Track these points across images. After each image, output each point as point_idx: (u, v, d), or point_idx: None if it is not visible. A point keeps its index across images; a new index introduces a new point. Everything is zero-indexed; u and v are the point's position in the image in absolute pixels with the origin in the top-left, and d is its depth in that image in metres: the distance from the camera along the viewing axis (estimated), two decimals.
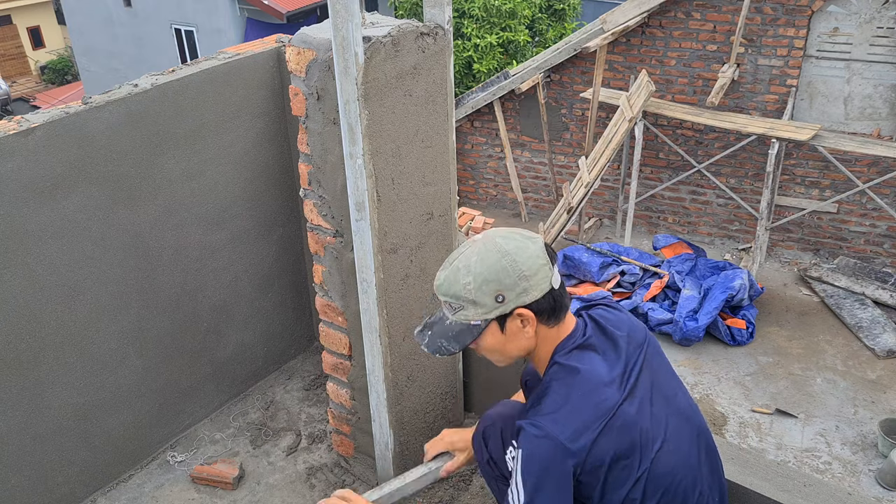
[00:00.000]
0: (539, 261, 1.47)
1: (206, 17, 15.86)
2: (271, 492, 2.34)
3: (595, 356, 1.50)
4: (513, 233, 1.51)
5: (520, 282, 1.45)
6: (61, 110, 1.99)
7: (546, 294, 1.47)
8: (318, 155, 1.93)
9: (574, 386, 1.46)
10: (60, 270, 2.05)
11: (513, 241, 1.48)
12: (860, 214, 7.76)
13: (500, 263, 1.45)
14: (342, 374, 2.23)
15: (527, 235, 1.51)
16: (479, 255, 1.47)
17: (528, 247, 1.47)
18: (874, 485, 5.41)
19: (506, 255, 1.46)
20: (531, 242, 1.49)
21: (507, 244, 1.47)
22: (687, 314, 6.68)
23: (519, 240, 1.49)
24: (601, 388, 1.45)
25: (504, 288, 1.45)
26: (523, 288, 1.46)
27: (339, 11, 1.59)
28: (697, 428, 1.58)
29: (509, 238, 1.49)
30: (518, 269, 1.45)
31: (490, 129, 9.10)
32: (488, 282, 1.45)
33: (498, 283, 1.45)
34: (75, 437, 2.22)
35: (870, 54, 7.24)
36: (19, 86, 24.01)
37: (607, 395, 1.45)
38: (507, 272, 1.45)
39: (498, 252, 1.46)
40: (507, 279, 1.45)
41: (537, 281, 1.46)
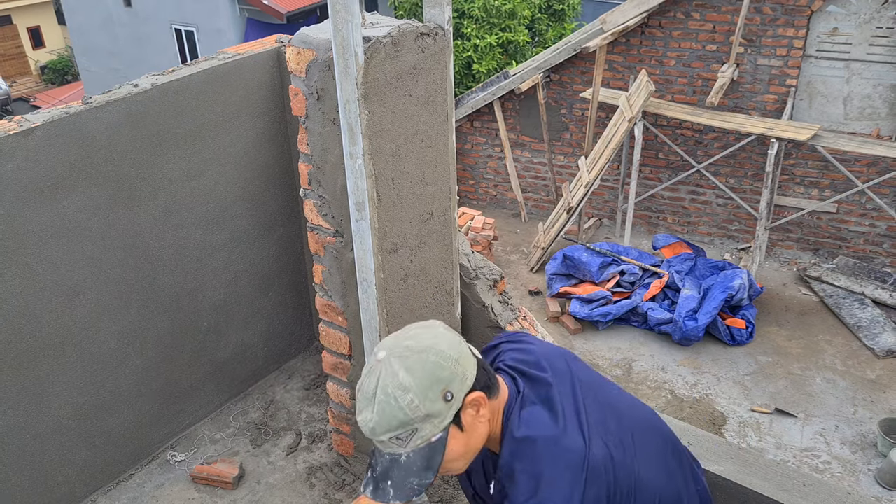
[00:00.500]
0: (454, 339, 1.37)
1: (206, 18, 15.86)
2: (271, 491, 2.35)
3: (539, 411, 1.42)
4: (408, 334, 1.39)
5: (457, 368, 1.34)
6: (61, 110, 1.99)
7: (478, 368, 1.39)
8: (318, 155, 1.93)
9: (538, 459, 1.37)
10: (61, 270, 2.05)
11: (420, 339, 1.36)
12: (859, 214, 7.76)
13: (430, 361, 1.32)
14: (342, 374, 2.23)
15: (424, 325, 1.41)
16: (401, 369, 1.32)
17: (441, 335, 1.37)
18: (873, 484, 5.42)
19: (427, 352, 1.33)
20: (433, 329, 1.38)
21: (418, 344, 1.35)
22: (686, 314, 6.69)
23: (423, 335, 1.37)
24: (563, 445, 1.38)
25: (447, 383, 1.33)
26: (462, 373, 1.35)
27: (339, 11, 1.59)
28: (661, 433, 1.55)
29: (412, 338, 1.37)
30: (447, 355, 1.34)
31: (490, 129, 9.11)
32: (430, 386, 1.32)
33: (439, 382, 1.32)
34: (75, 437, 2.22)
35: (869, 54, 7.25)
36: (19, 86, 24.00)
37: (571, 447, 1.38)
38: (441, 366, 1.33)
39: (417, 354, 1.33)
40: (444, 372, 1.33)
41: (466, 359, 1.37)
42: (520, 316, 2.43)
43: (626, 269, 7.33)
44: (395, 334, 1.41)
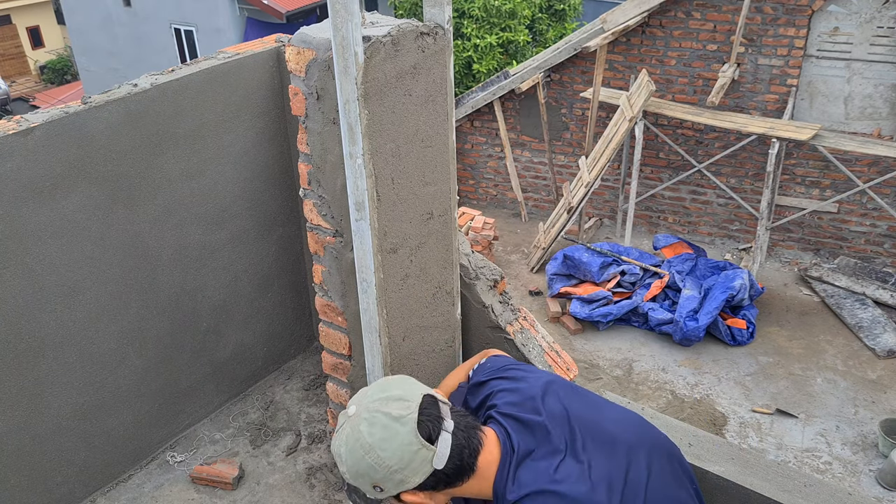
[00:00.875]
0: (410, 448, 1.31)
1: (206, 17, 15.87)
2: (271, 492, 2.34)
3: (536, 465, 1.39)
4: (381, 410, 1.33)
5: (392, 475, 1.32)
6: (61, 110, 1.99)
7: (430, 475, 1.34)
8: (317, 155, 1.93)
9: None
10: (60, 270, 2.05)
11: (378, 430, 1.32)
12: (860, 214, 7.76)
13: (365, 461, 1.32)
14: (342, 374, 2.23)
15: (395, 416, 1.32)
16: (347, 445, 1.34)
17: (396, 434, 1.31)
18: (874, 485, 5.41)
19: (369, 452, 1.31)
20: (400, 426, 1.31)
21: (372, 435, 1.31)
22: (687, 314, 6.69)
23: (386, 425, 1.32)
24: (565, 497, 1.35)
25: (378, 481, 1.33)
26: (398, 480, 1.33)
27: (338, 11, 1.59)
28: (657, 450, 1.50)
29: (375, 423, 1.32)
30: (385, 464, 1.31)
31: (490, 128, 9.10)
32: (361, 475, 1.34)
33: (370, 478, 1.33)
34: (75, 437, 2.22)
35: (870, 54, 7.24)
36: (19, 85, 24.02)
37: (576, 498, 1.35)
38: (375, 469, 1.32)
39: (361, 448, 1.32)
40: (377, 475, 1.32)
41: (413, 469, 1.32)
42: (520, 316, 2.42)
43: (627, 270, 7.33)
44: (376, 400, 1.35)
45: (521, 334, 2.31)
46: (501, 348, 2.29)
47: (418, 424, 1.32)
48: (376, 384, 1.41)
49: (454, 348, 2.32)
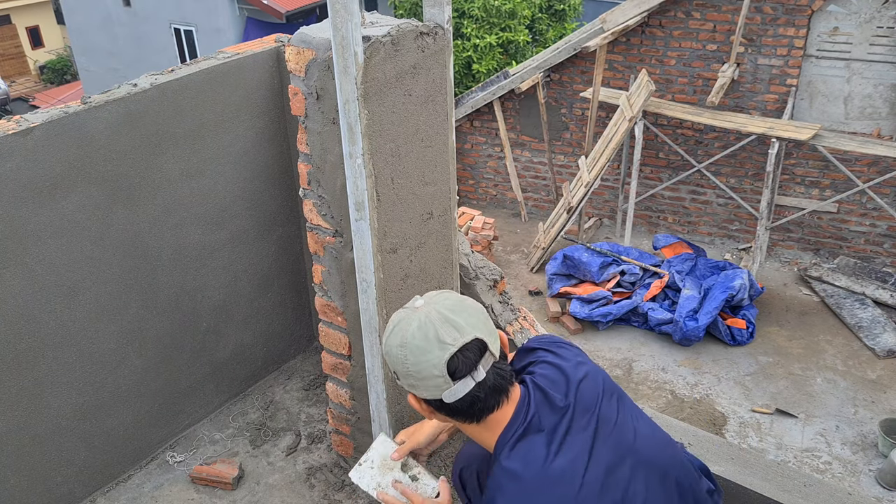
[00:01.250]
0: (433, 371, 1.35)
1: (206, 17, 15.86)
2: (271, 492, 2.34)
3: (538, 443, 1.40)
4: (435, 325, 1.37)
5: (407, 377, 1.39)
6: (60, 110, 1.98)
7: (437, 400, 1.39)
8: (317, 155, 1.93)
9: (521, 495, 1.37)
10: (60, 270, 2.05)
11: (420, 337, 1.36)
12: (860, 214, 7.76)
13: (396, 351, 1.38)
14: (342, 374, 2.23)
15: (439, 339, 1.36)
16: (394, 330, 1.40)
17: (429, 353, 1.35)
18: (874, 485, 5.41)
19: (404, 347, 1.37)
20: (437, 349, 1.35)
21: (413, 337, 1.37)
22: (687, 314, 6.68)
23: (428, 339, 1.36)
24: (554, 486, 1.37)
25: (396, 371, 1.41)
26: (410, 383, 1.40)
27: (338, 11, 1.59)
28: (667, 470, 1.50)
29: (422, 330, 1.37)
30: (405, 365, 1.37)
31: (490, 128, 9.10)
32: (388, 355, 1.41)
33: (392, 364, 1.41)
34: (75, 437, 2.22)
35: (870, 54, 7.24)
36: (18, 85, 24.01)
37: (562, 493, 1.36)
38: (399, 362, 1.38)
39: (401, 338, 1.38)
40: (398, 367, 1.39)
41: (425, 386, 1.38)
42: (520, 316, 2.43)
43: (627, 269, 7.33)
44: (441, 305, 1.39)
45: (521, 334, 2.31)
46: None
47: (451, 359, 1.35)
48: (456, 298, 1.43)
49: None
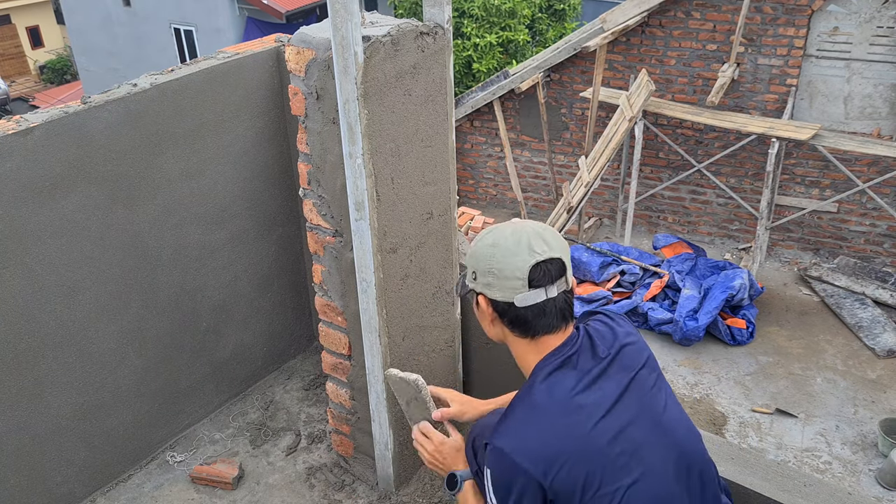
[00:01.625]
0: (515, 273, 1.47)
1: (206, 17, 15.86)
2: (271, 492, 2.34)
3: (572, 378, 1.47)
4: (528, 234, 1.49)
5: (487, 275, 1.50)
6: (60, 110, 1.98)
7: (507, 304, 1.49)
8: (317, 154, 1.93)
9: (538, 409, 1.44)
10: (60, 270, 2.05)
11: (512, 241, 1.48)
12: (860, 214, 7.76)
13: (485, 249, 1.50)
14: (342, 374, 2.23)
15: (529, 247, 1.47)
16: (488, 234, 1.53)
17: (518, 257, 1.47)
18: (874, 484, 5.41)
19: (495, 247, 1.49)
20: (527, 254, 1.47)
21: (505, 239, 1.49)
22: (687, 314, 6.68)
23: (519, 243, 1.48)
24: (567, 414, 1.43)
25: (478, 272, 1.52)
26: (488, 282, 1.50)
27: (338, 11, 1.59)
28: (689, 460, 1.51)
29: (516, 235, 1.49)
30: (490, 264, 1.49)
31: (490, 128, 9.10)
32: (473, 256, 1.53)
33: (475, 263, 1.52)
34: (74, 437, 2.22)
35: (870, 54, 7.24)
36: (18, 85, 24.01)
37: (573, 421, 1.42)
38: (485, 259, 1.50)
39: (493, 238, 1.51)
40: (481, 265, 1.50)
41: (503, 286, 1.48)
42: None
43: (627, 269, 7.33)
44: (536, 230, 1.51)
45: None
46: (500, 348, 2.29)
47: (535, 266, 1.47)
48: (552, 231, 1.54)
49: (454, 348, 2.32)
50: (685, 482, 1.50)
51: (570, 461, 1.40)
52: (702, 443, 1.58)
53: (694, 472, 1.51)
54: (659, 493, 1.45)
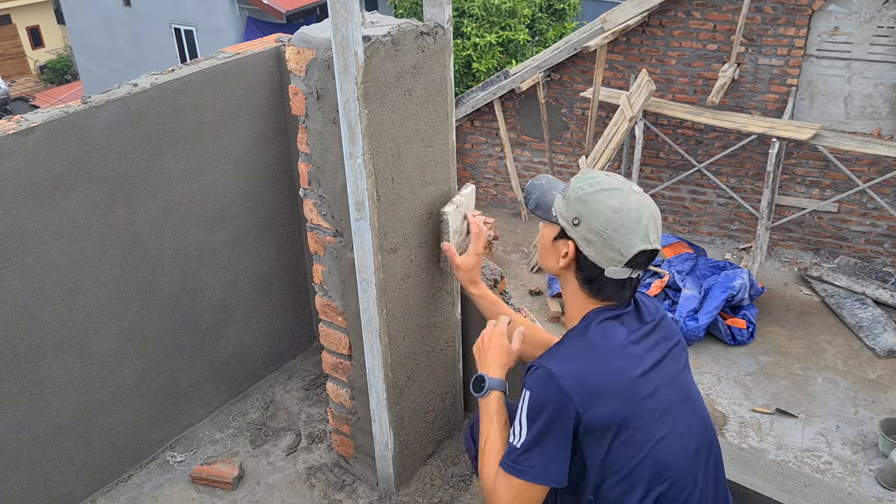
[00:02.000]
0: (622, 250, 1.48)
1: (206, 17, 15.87)
2: (271, 492, 2.34)
3: (623, 330, 1.52)
4: (649, 219, 1.50)
5: (595, 236, 1.49)
6: (60, 110, 1.98)
7: (594, 266, 1.51)
8: (317, 154, 1.93)
9: (593, 346, 1.49)
10: (60, 270, 2.05)
11: (635, 220, 1.49)
12: (860, 214, 7.76)
13: (607, 211, 1.49)
14: (342, 374, 2.23)
15: (646, 235, 1.49)
16: (610, 190, 1.51)
17: (633, 237, 1.48)
18: (874, 484, 5.41)
19: (618, 212, 1.48)
20: (641, 239, 1.48)
21: (631, 214, 1.48)
22: (687, 314, 6.68)
23: (640, 226, 1.49)
24: (618, 357, 1.48)
25: (584, 223, 1.50)
26: (591, 240, 1.50)
27: (338, 11, 1.59)
28: (709, 437, 1.59)
29: (639, 218, 1.49)
30: (604, 227, 1.48)
31: (490, 128, 9.10)
32: (587, 207, 1.51)
33: (588, 216, 1.50)
34: (75, 437, 2.22)
35: (870, 53, 7.24)
36: (18, 85, 24.02)
37: (622, 364, 1.47)
38: (601, 219, 1.49)
39: (619, 203, 1.49)
40: (594, 222, 1.49)
41: (604, 253, 1.50)
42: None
43: None
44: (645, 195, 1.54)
45: None
46: None
47: (641, 252, 1.49)
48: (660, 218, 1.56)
49: (454, 348, 2.32)
50: (704, 456, 1.56)
51: (614, 399, 1.44)
52: (716, 435, 1.65)
53: (712, 450, 1.59)
54: (682, 455, 1.50)
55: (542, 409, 1.44)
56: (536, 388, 1.46)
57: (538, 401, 1.45)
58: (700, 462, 1.54)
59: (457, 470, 2.33)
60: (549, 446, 1.44)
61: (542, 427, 1.44)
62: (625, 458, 1.45)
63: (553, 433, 1.44)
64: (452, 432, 2.45)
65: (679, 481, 1.49)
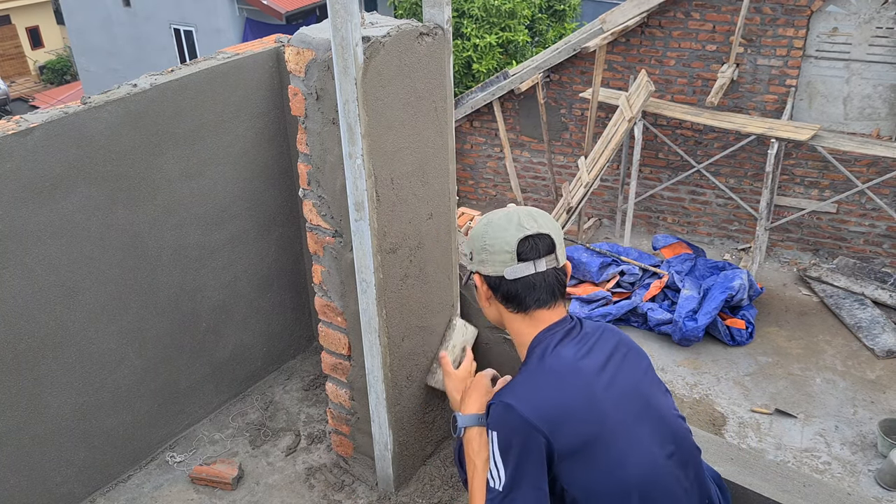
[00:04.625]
0: (504, 247, 1.55)
1: (206, 17, 15.87)
2: (270, 492, 2.34)
3: (571, 347, 1.54)
4: (521, 215, 1.58)
5: (480, 252, 1.60)
6: (60, 110, 1.99)
7: (498, 278, 1.57)
8: (317, 155, 1.93)
9: (545, 370, 1.51)
10: (59, 270, 2.05)
11: (503, 220, 1.58)
12: (859, 214, 7.76)
13: (480, 228, 1.62)
14: (341, 375, 2.23)
15: (518, 224, 1.56)
16: (484, 218, 1.64)
17: (507, 232, 1.56)
18: (873, 485, 5.42)
19: (488, 225, 1.60)
20: (515, 230, 1.55)
21: (500, 218, 1.59)
22: (686, 314, 6.69)
23: (509, 221, 1.57)
24: (573, 375, 1.50)
25: (472, 249, 1.63)
26: (481, 258, 1.60)
27: (338, 11, 1.59)
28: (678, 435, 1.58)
29: (507, 216, 1.59)
30: (483, 239, 1.59)
31: (489, 129, 9.11)
32: (471, 238, 1.64)
33: (471, 243, 1.63)
34: (74, 437, 2.22)
35: (869, 54, 7.25)
36: (18, 86, 24.01)
37: (579, 382, 1.49)
38: (478, 237, 1.61)
39: (487, 219, 1.62)
40: (476, 243, 1.61)
41: (493, 261, 1.57)
42: None
43: (626, 270, 7.33)
44: (526, 212, 1.61)
45: None
46: (501, 348, 2.29)
47: (523, 239, 1.55)
48: (544, 213, 1.64)
49: None
50: (678, 454, 1.56)
51: (578, 419, 1.45)
52: (685, 425, 1.64)
53: (684, 444, 1.58)
54: (654, 462, 1.50)
55: (510, 446, 1.43)
56: (500, 426, 1.46)
57: (506, 439, 1.44)
58: (675, 461, 1.54)
59: (456, 470, 2.33)
60: (529, 482, 1.43)
61: (517, 463, 1.43)
62: (603, 477, 1.45)
63: (528, 467, 1.43)
64: (452, 433, 2.45)
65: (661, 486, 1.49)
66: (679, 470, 1.55)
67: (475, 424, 1.65)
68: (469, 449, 1.63)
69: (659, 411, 1.57)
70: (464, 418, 1.67)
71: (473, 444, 1.62)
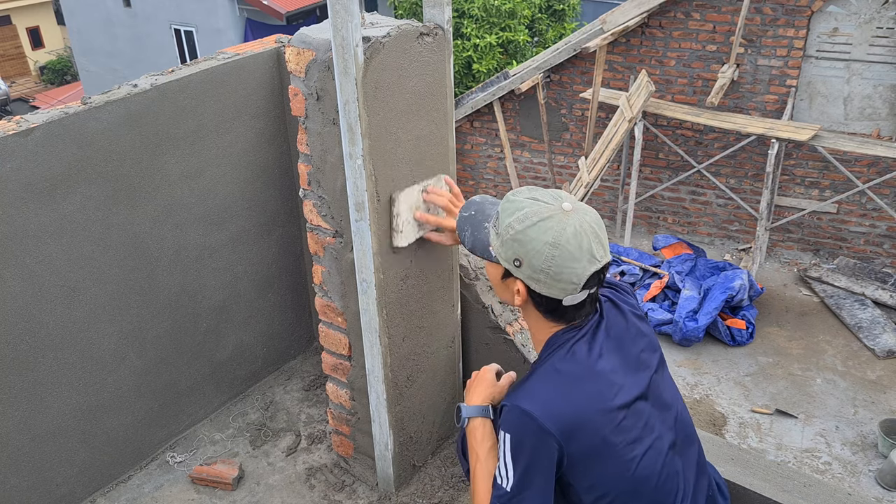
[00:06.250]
0: (572, 279, 1.43)
1: (206, 18, 15.87)
2: (271, 492, 2.34)
3: (589, 349, 1.51)
4: (588, 239, 1.43)
5: (541, 274, 1.44)
6: (60, 111, 1.99)
7: (551, 299, 1.48)
8: (317, 155, 1.93)
9: (562, 374, 1.48)
10: (60, 271, 2.05)
11: (574, 246, 1.42)
12: (860, 215, 7.76)
13: (545, 249, 1.43)
14: (342, 375, 2.23)
15: (591, 256, 1.43)
16: (542, 224, 1.44)
17: (579, 263, 1.43)
18: (874, 485, 5.42)
19: (556, 247, 1.42)
20: (588, 262, 1.43)
21: (570, 242, 1.42)
22: (687, 314, 6.69)
23: (582, 250, 1.43)
24: (589, 379, 1.47)
25: (526, 264, 1.45)
26: (538, 279, 1.45)
27: (338, 12, 1.59)
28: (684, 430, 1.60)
29: (579, 244, 1.43)
30: (548, 264, 1.43)
31: (490, 129, 9.11)
32: (524, 248, 1.45)
33: (527, 257, 1.45)
34: (74, 438, 2.22)
35: (869, 54, 7.25)
36: (18, 86, 24.02)
37: (594, 388, 1.47)
38: (541, 258, 1.43)
39: (554, 237, 1.42)
40: (535, 261, 1.44)
41: (555, 287, 1.45)
42: (520, 317, 2.42)
43: (627, 270, 7.33)
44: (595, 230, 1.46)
45: (521, 334, 2.31)
46: (501, 349, 2.29)
47: (593, 273, 1.45)
48: (596, 215, 1.49)
49: (454, 348, 2.32)
50: (685, 456, 1.58)
51: (592, 425, 1.44)
52: (690, 419, 1.66)
53: (691, 448, 1.60)
54: (665, 464, 1.51)
55: (523, 450, 1.44)
56: (514, 429, 1.45)
57: (519, 442, 1.44)
58: (683, 462, 1.57)
59: (456, 470, 2.33)
60: (538, 484, 1.44)
61: (527, 466, 1.43)
62: (612, 479, 1.46)
63: (538, 471, 1.43)
64: (452, 432, 2.45)
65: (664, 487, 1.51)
66: (679, 461, 1.57)
67: (479, 415, 1.66)
68: (472, 439, 1.64)
69: (676, 414, 1.58)
70: (468, 409, 1.67)
71: (476, 435, 1.63)
